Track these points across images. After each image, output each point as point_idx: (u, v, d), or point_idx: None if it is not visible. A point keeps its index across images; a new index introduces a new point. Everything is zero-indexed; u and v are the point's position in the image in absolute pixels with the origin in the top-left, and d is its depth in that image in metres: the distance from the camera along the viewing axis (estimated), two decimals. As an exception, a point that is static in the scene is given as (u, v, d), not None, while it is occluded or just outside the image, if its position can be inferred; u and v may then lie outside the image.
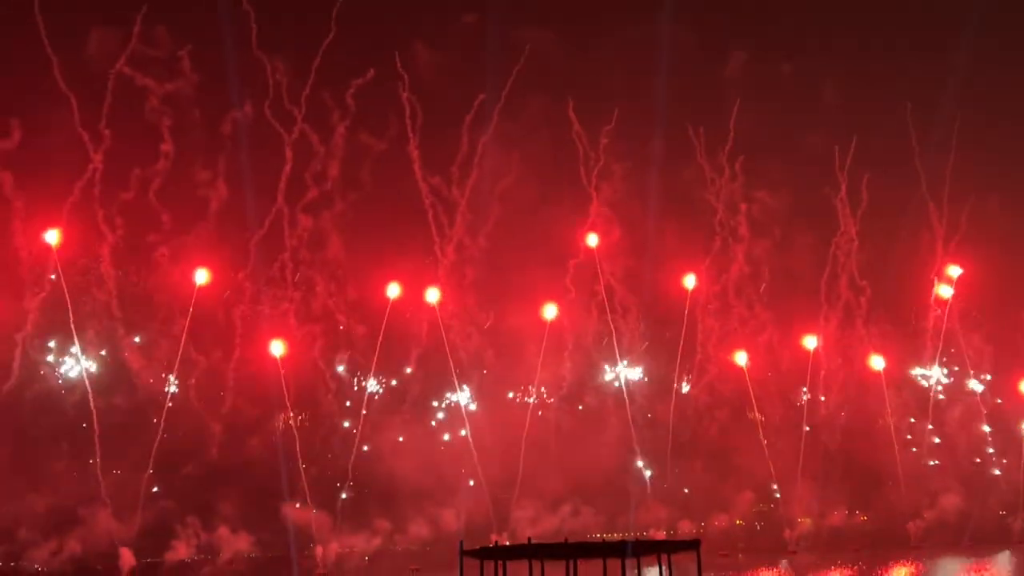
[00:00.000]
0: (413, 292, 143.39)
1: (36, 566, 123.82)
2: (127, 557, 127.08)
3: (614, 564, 57.98)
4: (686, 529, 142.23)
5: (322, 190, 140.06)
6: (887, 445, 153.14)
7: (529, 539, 60.94)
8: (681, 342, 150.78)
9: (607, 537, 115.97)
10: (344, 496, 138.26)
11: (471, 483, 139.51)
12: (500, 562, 56.78)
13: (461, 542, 59.64)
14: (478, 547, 61.40)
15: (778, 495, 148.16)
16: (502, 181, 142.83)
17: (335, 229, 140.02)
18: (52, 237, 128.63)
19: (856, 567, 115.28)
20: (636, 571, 59.51)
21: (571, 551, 58.14)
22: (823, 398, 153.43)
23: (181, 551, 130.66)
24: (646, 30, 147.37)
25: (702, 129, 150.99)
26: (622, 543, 61.39)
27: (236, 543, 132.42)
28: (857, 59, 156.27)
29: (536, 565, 55.40)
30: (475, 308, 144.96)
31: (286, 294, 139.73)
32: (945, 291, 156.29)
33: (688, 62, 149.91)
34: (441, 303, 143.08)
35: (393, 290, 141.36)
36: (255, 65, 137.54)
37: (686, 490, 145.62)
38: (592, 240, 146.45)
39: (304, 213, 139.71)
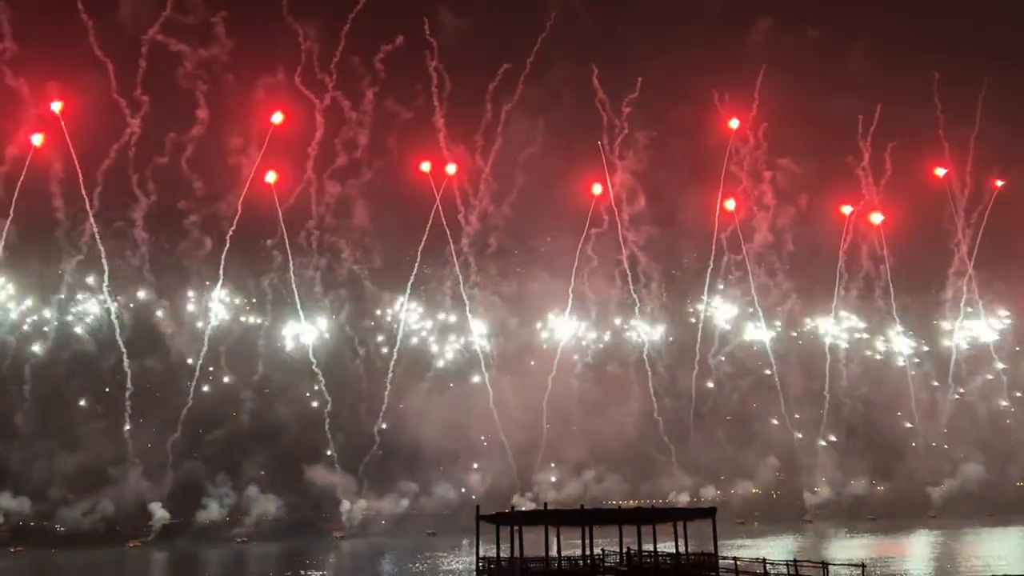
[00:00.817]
0: (436, 257, 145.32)
1: (58, 526, 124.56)
2: (159, 514, 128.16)
3: (630, 531, 57.39)
4: (707, 496, 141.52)
5: (351, 157, 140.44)
6: (908, 415, 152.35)
7: (545, 504, 60.14)
8: (703, 311, 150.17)
9: (631, 504, 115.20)
10: (370, 460, 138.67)
11: (484, 441, 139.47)
12: (516, 527, 56.09)
13: (478, 507, 58.93)
14: (494, 512, 60.96)
15: (797, 464, 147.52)
16: (526, 149, 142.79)
17: (361, 197, 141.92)
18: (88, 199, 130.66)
19: (870, 536, 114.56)
20: (652, 537, 58.57)
21: (586, 517, 57.32)
22: (844, 367, 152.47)
23: (212, 512, 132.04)
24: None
25: (727, 96, 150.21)
26: (637, 510, 60.61)
27: (264, 505, 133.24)
28: (884, 27, 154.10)
29: (552, 530, 54.68)
30: (498, 276, 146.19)
31: (313, 261, 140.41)
32: (963, 263, 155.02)
33: (713, 29, 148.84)
34: (464, 268, 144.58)
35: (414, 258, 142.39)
36: (287, 32, 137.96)
37: (707, 459, 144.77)
38: (610, 205, 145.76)
39: (333, 180, 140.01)
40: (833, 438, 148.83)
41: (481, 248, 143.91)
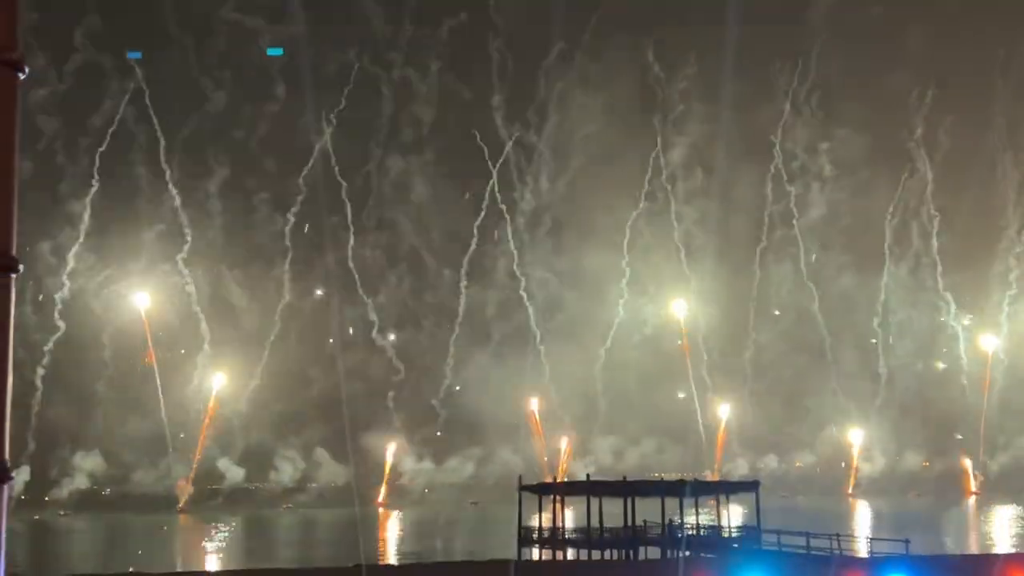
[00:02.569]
0: (493, 233, 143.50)
1: (105, 490, 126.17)
2: (233, 476, 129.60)
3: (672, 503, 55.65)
4: (764, 469, 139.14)
5: (415, 134, 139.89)
6: (960, 390, 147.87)
7: (588, 476, 58.67)
8: (756, 285, 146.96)
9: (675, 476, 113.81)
10: (431, 430, 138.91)
11: (534, 409, 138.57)
12: (558, 497, 54.80)
13: (520, 477, 57.72)
14: (536, 483, 59.69)
15: (848, 439, 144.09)
16: (581, 127, 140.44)
17: (421, 173, 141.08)
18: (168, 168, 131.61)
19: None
20: (695, 510, 56.80)
21: (628, 489, 55.64)
22: (891, 341, 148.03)
23: (284, 476, 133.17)
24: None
25: (783, 69, 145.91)
26: (680, 482, 58.88)
27: (330, 472, 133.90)
28: (950, 4, 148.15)
29: (594, 502, 53.37)
30: (552, 253, 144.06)
31: (370, 239, 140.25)
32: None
33: (771, 3, 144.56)
34: (519, 245, 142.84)
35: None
36: (358, 6, 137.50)
37: (761, 432, 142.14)
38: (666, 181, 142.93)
39: (398, 156, 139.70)
40: (885, 413, 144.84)
41: (536, 224, 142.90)
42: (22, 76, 15.79)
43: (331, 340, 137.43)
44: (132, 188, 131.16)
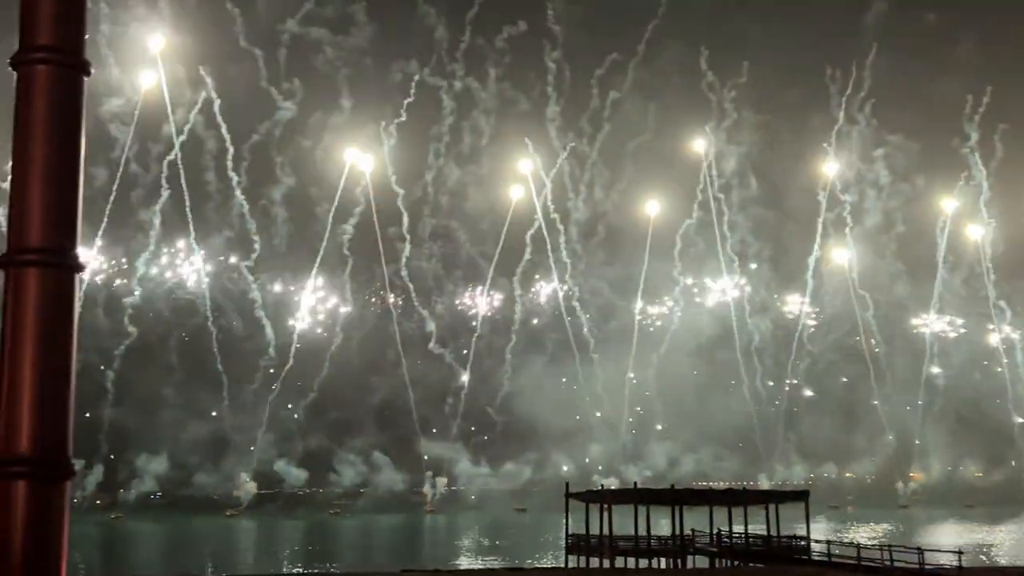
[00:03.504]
0: (545, 242, 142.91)
1: (153, 495, 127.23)
2: (294, 477, 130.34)
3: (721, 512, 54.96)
4: (814, 480, 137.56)
5: (472, 144, 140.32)
6: (1016, 401, 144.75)
7: (635, 483, 58.05)
8: (806, 298, 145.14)
9: (723, 485, 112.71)
10: (487, 435, 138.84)
11: (598, 415, 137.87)
12: (605, 505, 54.24)
13: (567, 484, 57.32)
14: (583, 490, 59.25)
15: (900, 450, 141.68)
16: (634, 136, 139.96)
17: (477, 182, 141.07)
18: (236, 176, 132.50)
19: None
20: (744, 519, 55.99)
21: (676, 497, 55.01)
22: (947, 354, 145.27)
23: (345, 479, 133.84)
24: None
25: (836, 76, 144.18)
26: (728, 491, 58.10)
27: (385, 477, 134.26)
28: (1004, 11, 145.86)
29: (642, 510, 52.66)
30: (604, 263, 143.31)
31: (425, 249, 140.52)
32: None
33: (825, 10, 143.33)
34: (572, 254, 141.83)
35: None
36: (419, 16, 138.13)
37: (812, 443, 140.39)
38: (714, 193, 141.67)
39: (454, 165, 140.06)
40: (941, 423, 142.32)
41: (590, 232, 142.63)
42: (87, 78, 16.04)
43: (390, 348, 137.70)
44: (201, 195, 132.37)
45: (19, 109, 14.94)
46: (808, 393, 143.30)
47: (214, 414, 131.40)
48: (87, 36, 15.40)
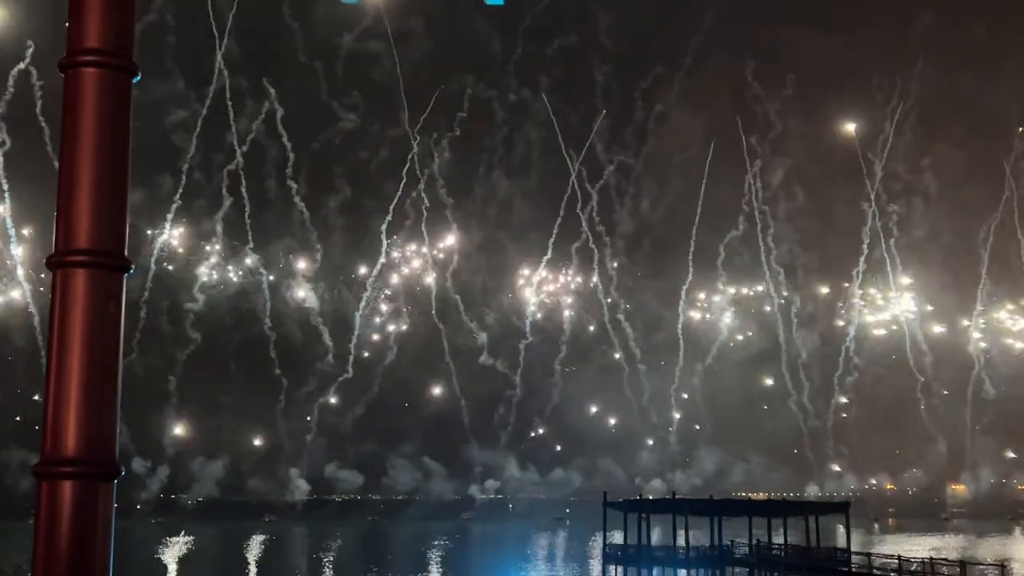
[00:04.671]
0: (589, 254, 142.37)
1: (188, 500, 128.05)
2: (344, 487, 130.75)
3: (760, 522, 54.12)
4: (850, 491, 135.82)
5: (520, 156, 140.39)
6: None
7: (673, 493, 57.36)
8: (854, 308, 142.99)
9: (761, 496, 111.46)
10: (537, 444, 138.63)
11: (650, 442, 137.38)
12: (644, 515, 53.63)
13: (605, 493, 56.81)
14: (621, 500, 58.61)
15: (945, 462, 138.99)
16: (679, 148, 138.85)
17: (524, 195, 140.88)
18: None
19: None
20: (783, 531, 55.10)
21: (715, 507, 54.29)
22: (995, 366, 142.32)
23: (401, 483, 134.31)
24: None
25: (882, 86, 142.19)
26: (767, 502, 57.23)
27: (435, 484, 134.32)
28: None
29: (680, 520, 51.98)
30: (649, 278, 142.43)
31: (473, 262, 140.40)
32: None
33: (869, 23, 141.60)
34: (620, 268, 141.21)
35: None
36: (476, 29, 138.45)
37: (861, 455, 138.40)
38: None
39: (503, 177, 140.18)
40: (989, 435, 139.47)
41: (635, 245, 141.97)
42: (135, 80, 16.11)
43: (442, 361, 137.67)
44: (261, 204, 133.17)
45: (66, 112, 15.15)
46: (856, 404, 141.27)
47: (270, 420, 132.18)
48: (136, 43, 15.57)
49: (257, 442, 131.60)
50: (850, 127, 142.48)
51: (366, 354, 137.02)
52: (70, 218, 15.64)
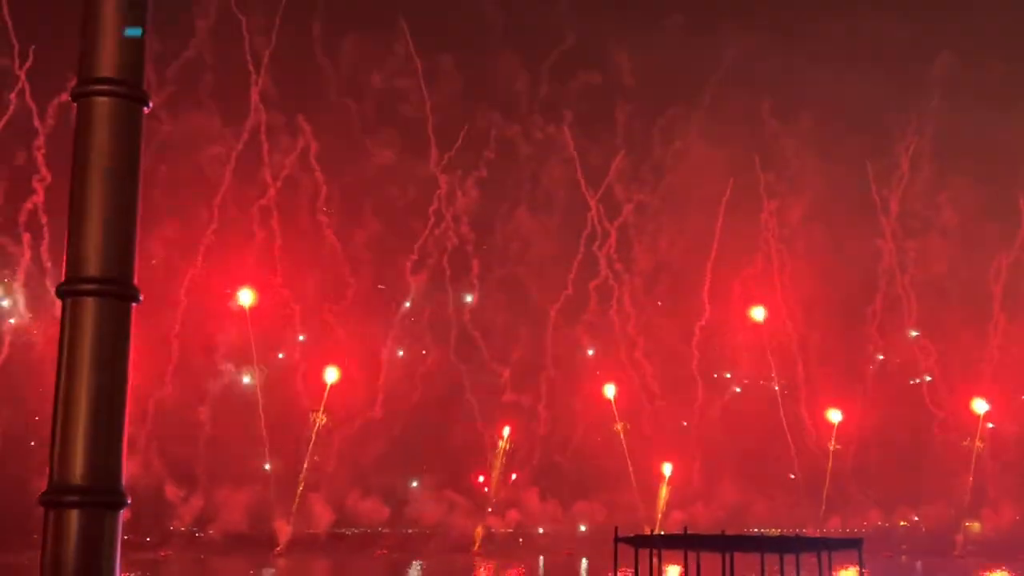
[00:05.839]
0: (608, 292, 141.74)
1: (192, 529, 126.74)
2: (366, 517, 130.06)
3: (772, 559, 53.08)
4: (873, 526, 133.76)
5: (541, 193, 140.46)
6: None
7: (685, 529, 56.69)
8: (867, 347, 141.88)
9: (775, 531, 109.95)
10: (553, 481, 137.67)
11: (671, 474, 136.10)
12: (655, 551, 52.76)
13: (616, 528, 56.03)
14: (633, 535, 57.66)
15: (960, 496, 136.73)
16: (698, 186, 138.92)
17: (545, 232, 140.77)
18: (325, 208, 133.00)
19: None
20: (795, 568, 54.09)
21: (727, 543, 53.39)
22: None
23: (407, 522, 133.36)
24: (849, 25, 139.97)
25: (899, 122, 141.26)
26: (780, 538, 56.31)
27: (455, 519, 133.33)
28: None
29: (692, 556, 51.03)
30: (669, 312, 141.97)
31: (491, 300, 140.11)
32: None
33: (886, 60, 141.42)
34: (637, 307, 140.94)
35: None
36: (500, 67, 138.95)
37: (877, 490, 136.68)
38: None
39: (524, 213, 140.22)
40: (1005, 474, 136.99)
41: (653, 281, 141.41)
42: (147, 109, 15.93)
43: (465, 397, 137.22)
44: (292, 239, 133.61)
45: (78, 140, 15.00)
46: (877, 439, 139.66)
47: (291, 450, 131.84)
48: (145, 68, 15.32)
49: (282, 473, 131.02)
50: (865, 164, 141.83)
51: (392, 393, 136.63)
52: (80, 247, 15.36)
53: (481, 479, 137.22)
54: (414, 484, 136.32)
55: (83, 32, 14.89)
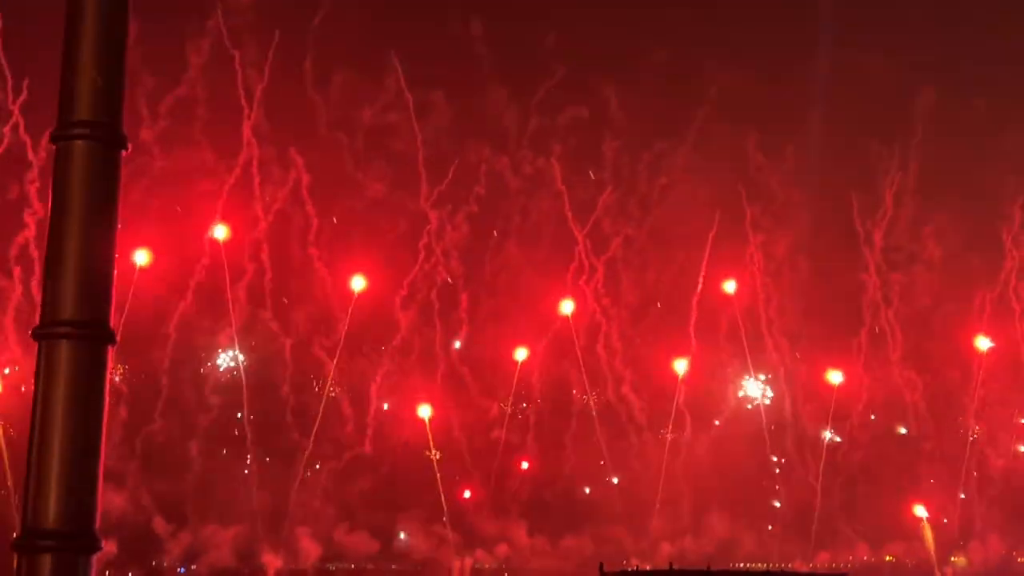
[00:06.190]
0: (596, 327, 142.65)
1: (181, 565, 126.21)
2: (354, 551, 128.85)
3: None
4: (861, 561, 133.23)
5: (526, 228, 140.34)
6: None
7: (671, 564, 56.40)
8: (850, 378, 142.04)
9: (761, 567, 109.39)
10: (543, 517, 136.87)
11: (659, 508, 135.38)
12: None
13: (601, 564, 55.74)
14: (619, 570, 57.33)
15: (939, 530, 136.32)
16: (683, 221, 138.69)
17: (531, 268, 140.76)
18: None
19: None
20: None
21: (712, 578, 53.24)
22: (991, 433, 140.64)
23: (393, 555, 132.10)
24: (835, 60, 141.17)
25: (882, 155, 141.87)
26: (767, 573, 56.04)
27: (446, 552, 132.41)
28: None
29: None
30: (654, 345, 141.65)
31: (478, 338, 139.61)
32: None
33: (870, 96, 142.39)
34: (625, 344, 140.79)
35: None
36: (492, 104, 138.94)
37: (856, 524, 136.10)
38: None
39: (511, 248, 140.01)
40: (991, 509, 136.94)
41: (640, 315, 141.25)
42: (124, 152, 15.91)
43: (454, 433, 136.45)
44: (284, 273, 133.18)
45: (55, 183, 14.96)
46: (864, 474, 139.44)
47: (283, 489, 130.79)
48: (124, 112, 15.28)
49: (270, 509, 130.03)
50: (850, 197, 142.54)
51: (382, 426, 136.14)
52: (55, 290, 15.26)
53: (468, 493, 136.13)
54: (402, 521, 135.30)
55: (61, 75, 14.91)
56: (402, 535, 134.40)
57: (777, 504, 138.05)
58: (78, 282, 15.24)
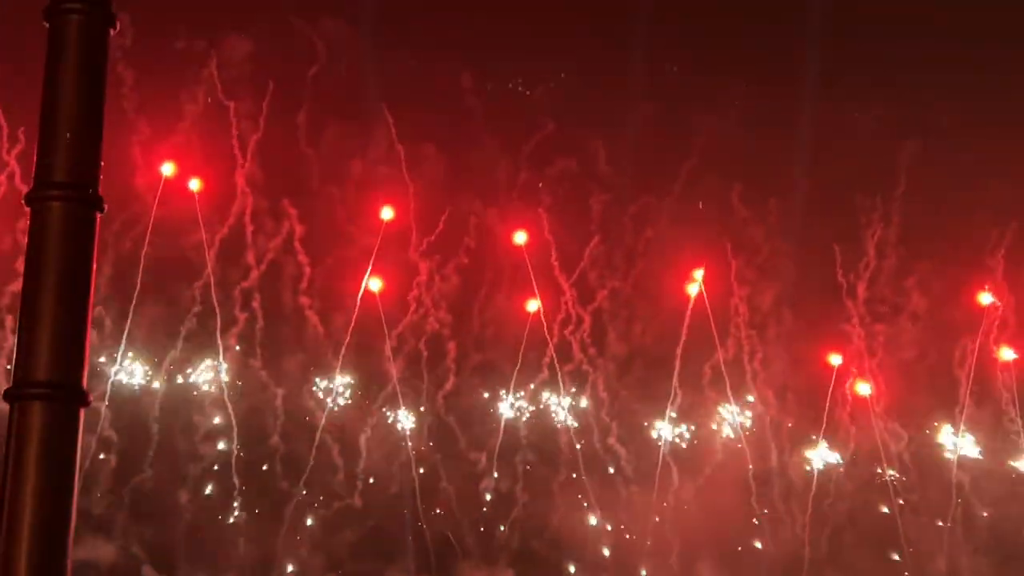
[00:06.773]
0: (580, 379, 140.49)
1: None
2: None
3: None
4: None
5: (512, 282, 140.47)
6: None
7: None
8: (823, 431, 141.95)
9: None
10: (527, 561, 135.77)
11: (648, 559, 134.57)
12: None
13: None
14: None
15: None
16: (670, 272, 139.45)
17: (516, 321, 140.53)
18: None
19: None
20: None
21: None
22: (976, 485, 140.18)
23: None
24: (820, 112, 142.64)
25: (865, 207, 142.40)
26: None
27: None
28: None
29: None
30: (640, 398, 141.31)
31: (466, 384, 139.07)
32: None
33: (853, 149, 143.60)
34: (610, 392, 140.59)
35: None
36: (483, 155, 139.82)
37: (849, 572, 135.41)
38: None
39: (499, 298, 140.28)
40: (977, 557, 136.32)
41: (626, 368, 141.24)
42: (100, 214, 15.85)
43: (439, 480, 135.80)
44: (276, 321, 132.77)
45: (31, 244, 14.90)
46: (849, 527, 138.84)
47: (269, 536, 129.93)
48: (101, 171, 15.23)
49: (257, 557, 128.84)
50: (832, 248, 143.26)
51: (371, 480, 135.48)
52: (28, 351, 15.12)
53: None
54: (390, 572, 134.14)
55: (39, 136, 14.87)
56: None
57: (758, 546, 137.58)
58: (51, 343, 15.13)
